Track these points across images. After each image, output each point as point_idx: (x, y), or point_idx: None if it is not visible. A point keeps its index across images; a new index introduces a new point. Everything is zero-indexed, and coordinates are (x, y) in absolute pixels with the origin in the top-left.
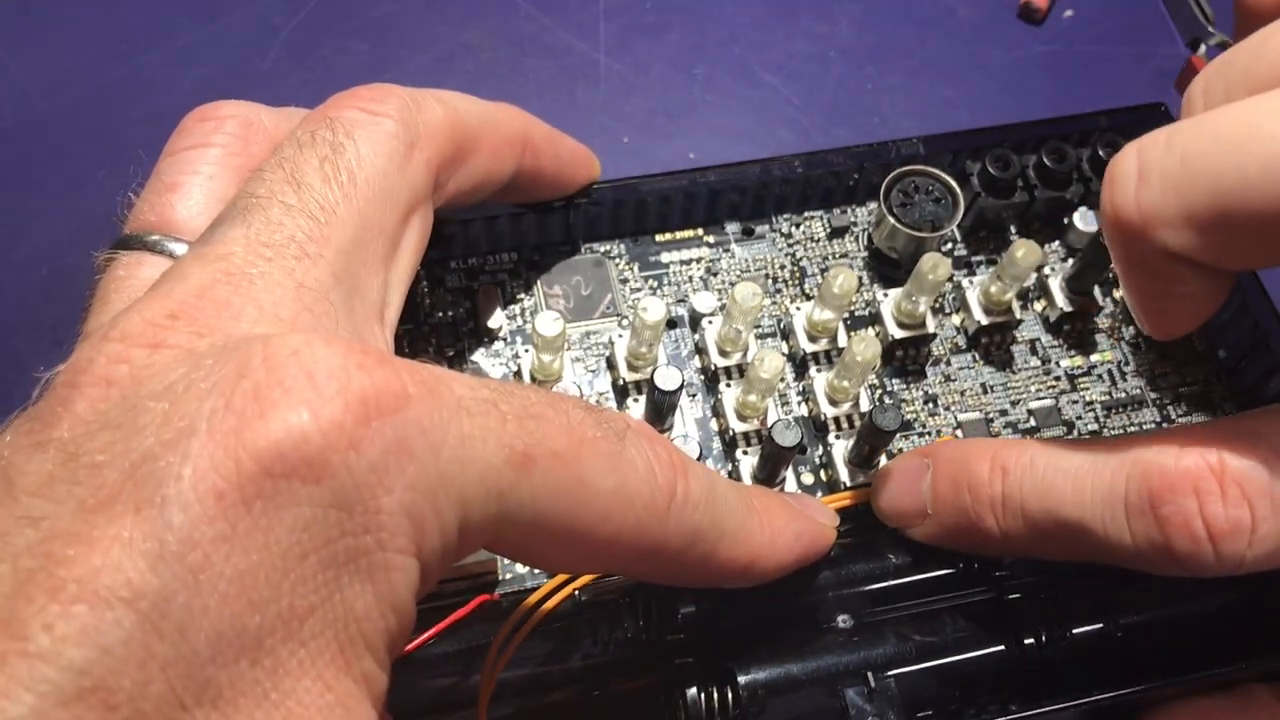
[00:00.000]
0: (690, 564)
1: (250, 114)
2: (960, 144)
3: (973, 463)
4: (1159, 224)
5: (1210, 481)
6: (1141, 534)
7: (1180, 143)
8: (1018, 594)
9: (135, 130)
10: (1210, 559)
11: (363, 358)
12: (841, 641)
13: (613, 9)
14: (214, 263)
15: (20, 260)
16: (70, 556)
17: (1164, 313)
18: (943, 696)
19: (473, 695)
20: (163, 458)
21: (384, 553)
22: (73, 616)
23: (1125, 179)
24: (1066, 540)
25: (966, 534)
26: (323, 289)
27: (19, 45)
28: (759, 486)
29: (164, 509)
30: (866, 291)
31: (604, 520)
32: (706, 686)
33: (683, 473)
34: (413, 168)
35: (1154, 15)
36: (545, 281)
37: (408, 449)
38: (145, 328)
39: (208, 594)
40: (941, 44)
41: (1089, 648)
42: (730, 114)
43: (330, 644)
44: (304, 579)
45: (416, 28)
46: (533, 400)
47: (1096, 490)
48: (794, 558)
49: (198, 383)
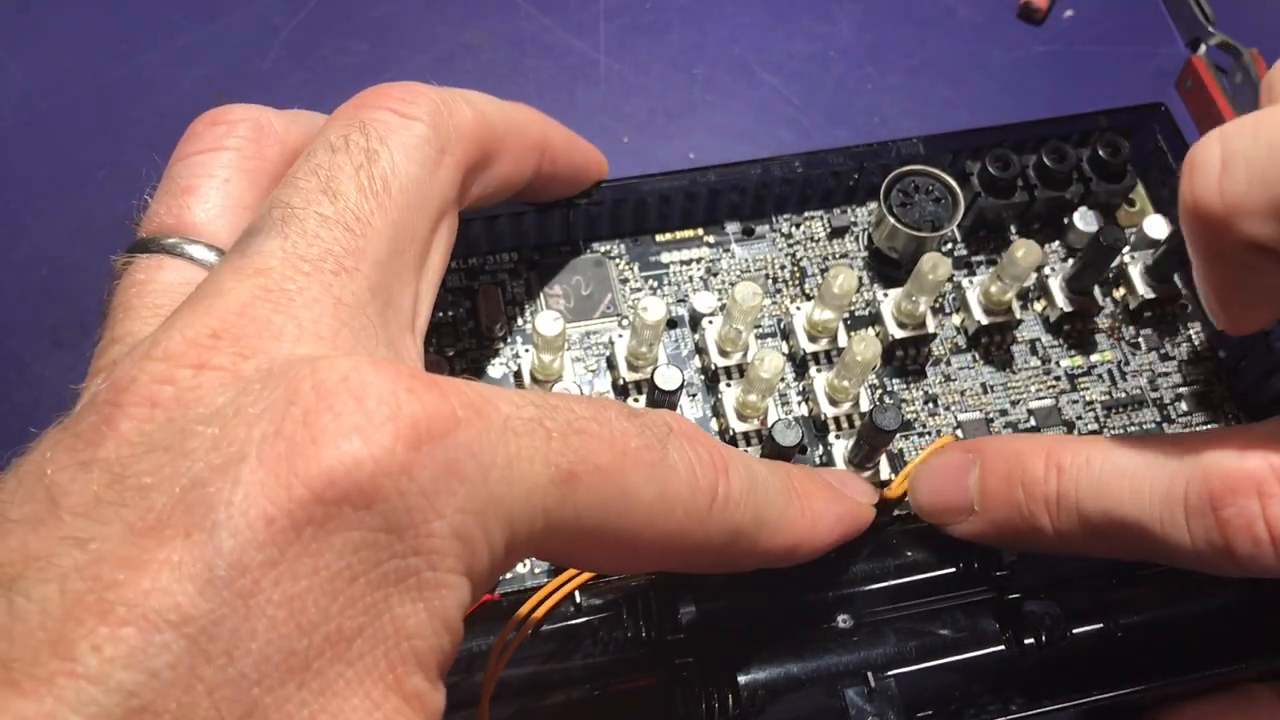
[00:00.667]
0: (733, 556)
1: (260, 117)
2: (960, 144)
3: (1027, 459)
4: (1244, 213)
5: (1274, 484)
6: (1201, 535)
7: (1268, 130)
8: (1018, 594)
9: (135, 130)
10: (1272, 560)
11: (411, 382)
12: (841, 641)
13: (613, 9)
14: (252, 277)
15: (20, 260)
16: (119, 580)
17: (1240, 306)
18: (943, 696)
19: (474, 695)
20: (213, 483)
21: (435, 572)
22: (121, 639)
23: (1208, 166)
24: (1122, 540)
25: (1016, 531)
26: (360, 304)
27: (19, 45)
28: (801, 467)
29: (214, 534)
30: (866, 291)
31: (647, 526)
32: (706, 687)
33: (724, 472)
34: (443, 173)
35: (1154, 15)
36: (545, 281)
37: (457, 472)
38: (188, 347)
39: (256, 619)
40: (941, 44)
41: (1089, 648)
42: (730, 114)
43: (379, 662)
44: (353, 600)
45: (416, 28)
46: (577, 414)
47: (1155, 491)
48: (835, 539)
49: (246, 407)
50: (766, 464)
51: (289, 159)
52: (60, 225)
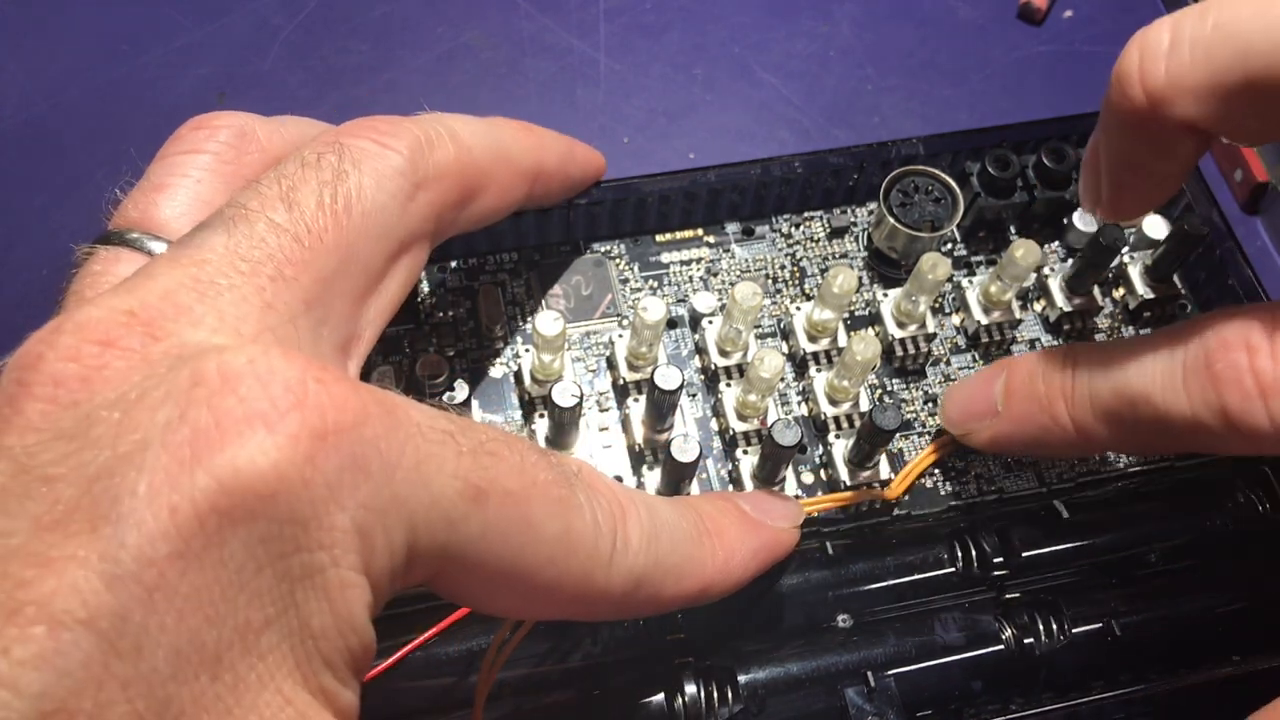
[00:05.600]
0: (636, 605)
1: (245, 124)
2: (960, 144)
3: (1049, 356)
4: (1183, 91)
5: (1260, 338)
6: (1198, 395)
7: (1214, 10)
8: (1017, 594)
9: (135, 130)
10: (1263, 418)
11: (321, 372)
12: (841, 641)
13: (613, 9)
14: (186, 267)
15: (20, 260)
16: (28, 578)
17: (1135, 189)
18: (943, 696)
19: (470, 694)
20: (118, 472)
21: (337, 569)
22: (30, 640)
23: (1157, 46)
24: (1131, 421)
25: (1035, 424)
26: (291, 313)
27: (19, 45)
28: (714, 497)
29: (119, 526)
30: (866, 291)
31: (548, 564)
32: (706, 686)
33: (622, 519)
34: (414, 208)
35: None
36: (545, 281)
37: (363, 466)
38: (98, 323)
39: (164, 611)
40: (941, 44)
41: (1089, 648)
42: (730, 114)
43: (288, 657)
44: (259, 593)
45: (416, 28)
46: (489, 437)
47: (1158, 359)
48: (751, 573)
49: (150, 391)
50: (675, 505)
51: (269, 166)
52: (60, 225)
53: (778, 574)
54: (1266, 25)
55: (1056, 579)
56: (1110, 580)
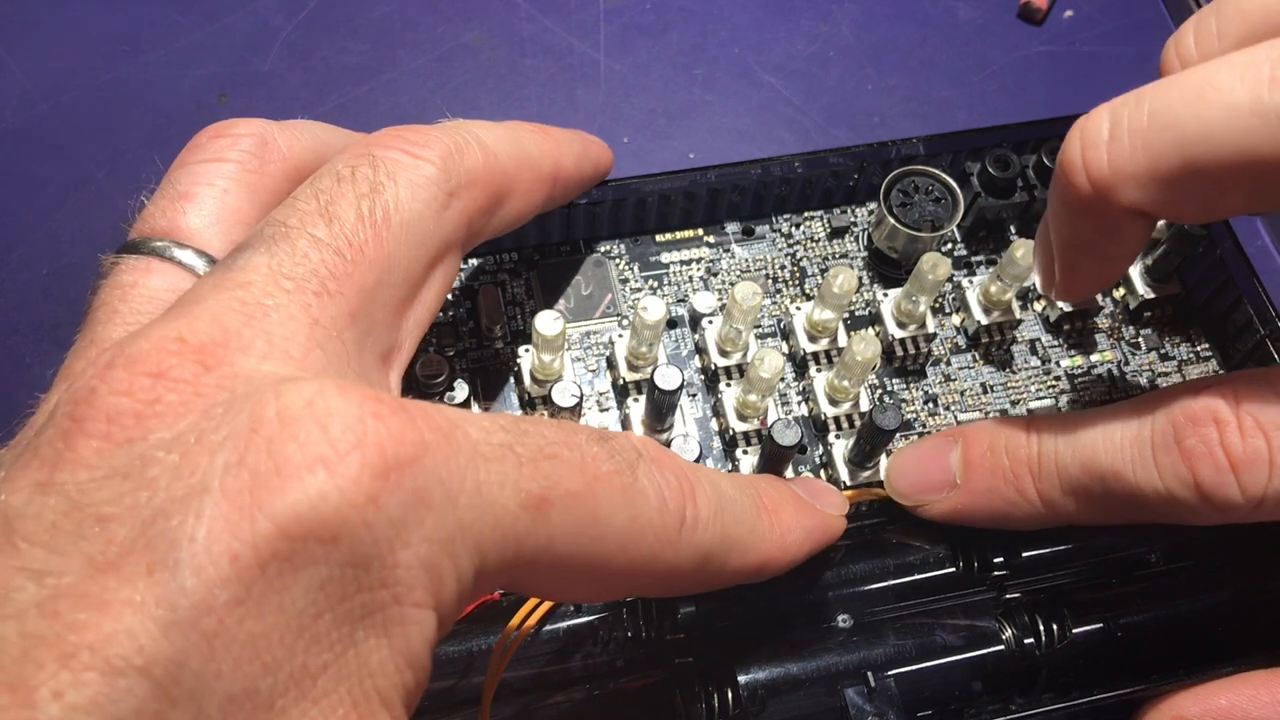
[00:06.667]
0: (703, 579)
1: (265, 132)
2: (960, 144)
3: (1010, 427)
4: (1126, 179)
5: (1228, 413)
6: (1169, 471)
7: (1149, 99)
8: (1018, 594)
9: (135, 130)
10: (1235, 492)
11: (377, 406)
12: (841, 641)
13: (613, 9)
14: (231, 290)
15: (20, 260)
16: (80, 621)
17: (1089, 272)
18: (943, 696)
19: (476, 695)
20: (175, 516)
21: (400, 607)
22: (84, 685)
23: (1098, 135)
24: (1101, 494)
25: (1000, 497)
26: (337, 328)
27: (19, 45)
28: (769, 478)
29: (177, 572)
30: (866, 291)
31: (619, 553)
32: (706, 686)
33: (691, 495)
34: (449, 215)
35: (1154, 15)
36: (545, 281)
37: (425, 500)
38: (149, 355)
39: (221, 659)
40: (941, 44)
41: (1089, 648)
42: (730, 114)
43: (344, 700)
44: (318, 638)
45: (416, 28)
46: (548, 439)
47: (1126, 434)
48: (805, 553)
49: (209, 434)
50: (735, 480)
51: (291, 174)
52: (60, 225)
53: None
54: (1197, 115)
55: (1057, 579)
56: (1110, 580)
